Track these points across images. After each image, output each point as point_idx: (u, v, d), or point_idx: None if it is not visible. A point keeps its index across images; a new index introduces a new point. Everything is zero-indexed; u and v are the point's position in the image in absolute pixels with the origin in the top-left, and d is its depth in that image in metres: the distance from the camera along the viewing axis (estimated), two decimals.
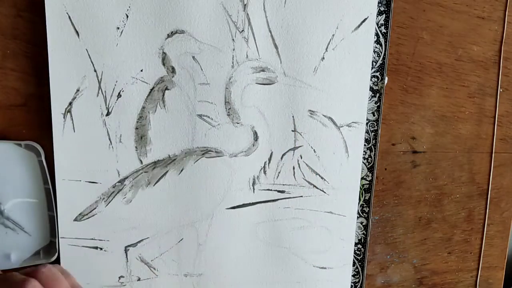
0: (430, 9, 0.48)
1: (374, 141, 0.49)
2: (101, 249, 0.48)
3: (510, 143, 0.53)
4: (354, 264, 0.52)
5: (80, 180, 0.46)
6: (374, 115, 0.49)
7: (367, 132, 0.49)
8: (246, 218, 0.49)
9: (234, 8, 0.44)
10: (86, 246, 0.47)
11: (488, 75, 0.51)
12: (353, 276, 0.52)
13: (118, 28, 0.43)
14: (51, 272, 0.36)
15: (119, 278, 0.49)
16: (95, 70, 0.44)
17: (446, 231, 0.55)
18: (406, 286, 0.55)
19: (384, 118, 0.50)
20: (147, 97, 0.45)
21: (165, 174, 0.47)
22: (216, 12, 0.44)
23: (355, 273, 0.52)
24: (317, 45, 0.46)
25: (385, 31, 0.47)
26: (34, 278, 0.35)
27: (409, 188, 0.53)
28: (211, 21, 0.44)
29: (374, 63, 0.48)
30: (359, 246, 0.52)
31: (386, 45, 0.48)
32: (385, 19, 0.47)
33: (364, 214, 0.51)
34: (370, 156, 0.50)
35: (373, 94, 0.48)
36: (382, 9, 0.47)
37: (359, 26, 0.46)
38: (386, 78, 0.49)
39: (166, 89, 0.45)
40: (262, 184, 0.49)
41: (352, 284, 0.53)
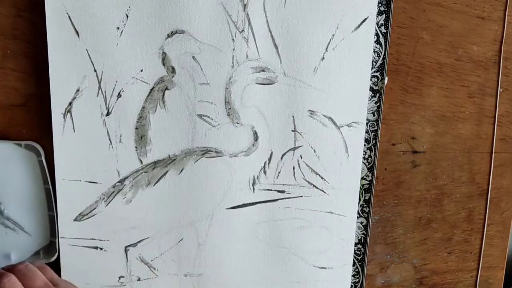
0: (430, 9, 0.48)
1: (374, 141, 0.49)
2: (101, 249, 0.48)
3: (510, 143, 0.53)
4: (354, 264, 0.52)
5: (80, 180, 0.46)
6: (374, 115, 0.49)
7: (367, 132, 0.49)
8: (246, 218, 0.49)
9: (234, 8, 0.44)
10: (86, 246, 0.47)
11: (488, 75, 0.51)
12: (353, 276, 0.52)
13: (118, 28, 0.43)
14: (28, 268, 0.36)
15: (119, 278, 0.49)
16: (95, 70, 0.44)
17: (446, 231, 0.55)
18: (406, 286, 0.55)
19: (384, 118, 0.50)
20: (147, 97, 0.45)
21: (165, 174, 0.47)
22: (216, 12, 0.44)
23: (355, 273, 0.52)
24: (317, 45, 0.46)
25: (385, 31, 0.47)
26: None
27: (409, 188, 0.53)
28: (211, 21, 0.44)
29: (374, 63, 0.48)
30: (359, 246, 0.52)
31: (386, 45, 0.48)
32: (385, 19, 0.47)
33: (364, 214, 0.51)
34: (370, 156, 0.50)
35: (373, 94, 0.48)
36: (382, 9, 0.47)
37: (359, 26, 0.46)
38: (386, 78, 0.49)
39: (166, 89, 0.45)
40: (262, 184, 0.49)
41: (352, 284, 0.53)
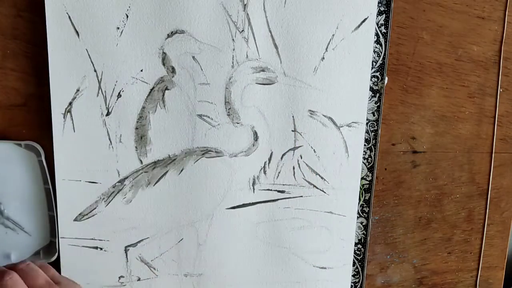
0: (430, 9, 0.48)
1: (374, 141, 0.49)
2: (101, 249, 0.48)
3: (510, 143, 0.53)
4: (354, 264, 0.52)
5: (80, 180, 0.46)
6: (374, 115, 0.49)
7: (367, 132, 0.49)
8: (246, 218, 0.49)
9: (234, 8, 0.44)
10: (86, 246, 0.47)
11: (488, 75, 0.51)
12: (353, 276, 0.52)
13: (118, 28, 0.43)
14: (29, 267, 0.36)
15: (119, 278, 0.49)
16: (95, 70, 0.44)
17: (446, 231, 0.55)
18: (406, 286, 0.55)
19: (384, 118, 0.50)
20: (147, 97, 0.45)
21: (165, 174, 0.47)
22: (216, 12, 0.44)
23: (355, 273, 0.52)
24: (317, 45, 0.46)
25: (385, 31, 0.47)
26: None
27: (409, 188, 0.53)
28: (211, 21, 0.44)
29: (374, 63, 0.48)
30: (359, 246, 0.52)
31: (386, 45, 0.48)
32: (385, 19, 0.47)
33: (364, 214, 0.51)
34: (370, 156, 0.50)
35: (373, 94, 0.48)
36: (382, 9, 0.47)
37: (359, 26, 0.46)
38: (386, 78, 0.49)
39: (166, 89, 0.45)
40: (262, 184, 0.49)
41: (352, 284, 0.53)
